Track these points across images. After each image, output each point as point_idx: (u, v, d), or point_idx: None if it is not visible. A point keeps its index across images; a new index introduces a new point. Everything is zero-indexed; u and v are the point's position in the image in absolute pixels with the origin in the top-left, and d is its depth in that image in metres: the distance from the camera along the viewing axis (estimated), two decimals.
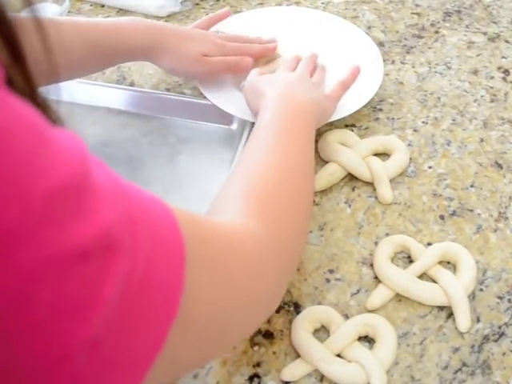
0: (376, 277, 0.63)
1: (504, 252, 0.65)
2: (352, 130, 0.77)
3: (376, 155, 0.73)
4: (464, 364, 0.57)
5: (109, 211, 0.26)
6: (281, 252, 0.45)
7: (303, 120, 0.59)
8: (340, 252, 0.65)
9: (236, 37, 0.81)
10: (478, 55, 0.88)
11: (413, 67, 0.86)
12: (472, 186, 0.72)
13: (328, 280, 0.63)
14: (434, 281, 0.62)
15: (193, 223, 0.35)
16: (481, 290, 0.62)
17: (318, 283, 0.63)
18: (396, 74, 0.85)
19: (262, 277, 0.41)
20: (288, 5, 0.96)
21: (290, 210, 0.49)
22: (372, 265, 0.64)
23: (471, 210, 0.69)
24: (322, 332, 0.59)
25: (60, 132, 0.26)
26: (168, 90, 0.83)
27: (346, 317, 0.60)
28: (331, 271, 0.64)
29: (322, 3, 0.96)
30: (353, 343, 0.57)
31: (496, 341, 0.58)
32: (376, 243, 0.66)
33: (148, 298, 0.28)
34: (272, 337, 0.59)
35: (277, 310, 0.60)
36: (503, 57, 0.88)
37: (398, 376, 0.56)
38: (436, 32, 0.92)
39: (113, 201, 0.27)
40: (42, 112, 0.26)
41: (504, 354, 0.58)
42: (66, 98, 0.75)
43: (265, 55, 0.80)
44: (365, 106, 0.77)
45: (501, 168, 0.73)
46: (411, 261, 0.64)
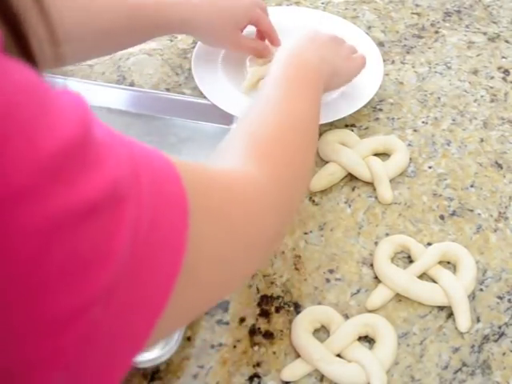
0: (376, 277, 0.63)
1: (504, 252, 0.65)
2: (352, 130, 0.77)
3: (376, 155, 0.73)
4: (464, 364, 0.57)
5: (114, 165, 0.26)
6: (281, 197, 0.46)
7: (309, 74, 0.59)
8: (340, 252, 0.65)
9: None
10: (478, 55, 0.88)
11: (413, 67, 0.86)
12: (472, 186, 0.72)
13: (328, 280, 0.63)
14: (434, 281, 0.62)
15: (195, 175, 0.36)
16: (481, 290, 0.62)
17: (318, 283, 0.63)
18: (396, 74, 0.85)
19: (262, 222, 0.43)
20: (288, 5, 0.96)
21: (292, 156, 0.50)
22: (372, 265, 0.64)
23: (471, 210, 0.69)
24: (322, 332, 0.59)
25: (61, 91, 0.27)
26: (168, 90, 0.83)
27: (346, 317, 0.60)
28: (331, 271, 0.64)
29: (322, 3, 0.96)
30: (353, 343, 0.57)
31: (496, 341, 0.59)
32: (376, 243, 0.66)
33: (155, 248, 0.29)
34: (272, 337, 0.59)
35: (277, 310, 0.60)
36: (503, 57, 0.88)
37: (398, 376, 0.56)
38: (436, 32, 0.92)
39: (117, 155, 0.27)
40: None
41: (504, 354, 0.58)
42: None
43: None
44: (365, 106, 0.77)
45: (501, 168, 0.73)
46: (411, 261, 0.64)
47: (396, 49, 0.89)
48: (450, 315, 0.60)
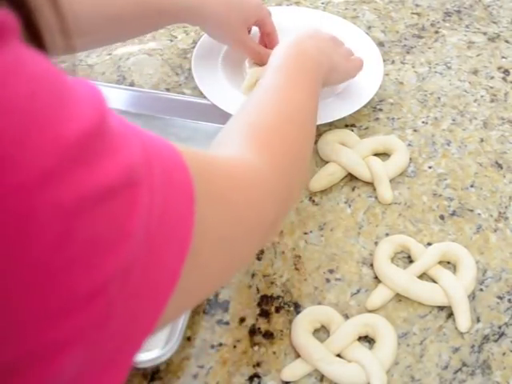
0: (376, 277, 0.63)
1: (504, 252, 0.65)
2: (352, 130, 0.77)
3: (376, 155, 0.73)
4: (464, 364, 0.57)
5: (128, 153, 0.28)
6: (279, 184, 0.47)
7: (307, 64, 0.60)
8: (340, 252, 0.65)
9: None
10: (478, 55, 0.88)
11: (413, 67, 0.86)
12: (472, 186, 0.72)
13: (328, 280, 0.63)
14: (434, 281, 0.62)
15: (199, 163, 0.37)
16: (481, 290, 0.62)
17: (318, 283, 0.63)
18: (396, 74, 0.85)
19: (262, 207, 0.44)
20: (288, 5, 0.96)
21: (290, 145, 0.51)
22: (372, 265, 0.64)
23: (471, 210, 0.69)
24: (322, 332, 0.59)
25: (77, 81, 0.28)
26: (168, 90, 0.83)
27: (346, 317, 0.60)
28: (331, 271, 0.64)
29: (322, 3, 0.96)
30: (353, 343, 0.57)
31: (496, 341, 0.59)
32: (376, 243, 0.66)
33: (165, 234, 0.30)
34: (272, 337, 0.59)
35: (277, 310, 0.60)
36: (503, 57, 0.88)
37: (398, 376, 0.56)
38: (436, 32, 0.92)
39: (130, 144, 0.28)
40: None
41: (504, 354, 0.58)
42: None
43: None
44: (365, 106, 0.77)
45: (501, 168, 0.73)
46: (411, 261, 0.64)
47: (396, 49, 0.89)
48: (450, 315, 0.60)
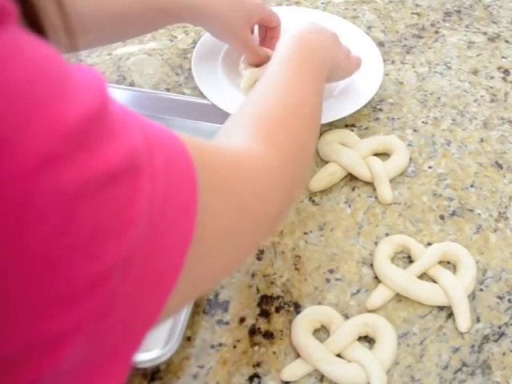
0: (376, 277, 0.63)
1: (504, 252, 0.65)
2: (352, 130, 0.77)
3: (376, 155, 0.73)
4: (464, 364, 0.57)
5: (129, 138, 0.27)
6: (285, 176, 0.47)
7: (316, 60, 0.60)
8: (340, 252, 0.65)
9: None
10: (478, 55, 0.88)
11: (413, 67, 0.86)
12: (472, 186, 0.72)
13: (328, 280, 0.63)
14: (434, 281, 0.62)
15: (203, 152, 0.36)
16: (481, 290, 0.62)
17: (318, 283, 0.63)
18: (396, 74, 0.85)
19: (268, 199, 0.44)
20: (288, 5, 0.96)
21: (297, 137, 0.51)
22: (372, 265, 0.64)
23: (471, 210, 0.69)
24: (322, 332, 0.59)
25: (78, 66, 0.28)
26: (168, 90, 0.83)
27: (346, 317, 0.60)
28: (331, 271, 0.64)
29: (322, 3, 0.96)
30: (353, 343, 0.57)
31: (496, 341, 0.59)
32: (376, 243, 0.66)
33: (167, 223, 0.29)
34: (272, 337, 0.59)
35: (277, 310, 0.60)
36: (503, 57, 0.88)
37: (398, 376, 0.56)
38: (436, 32, 0.92)
39: (131, 130, 0.28)
40: None
41: (504, 354, 0.58)
42: None
43: None
44: (365, 106, 0.77)
45: (501, 168, 0.73)
46: (411, 261, 0.64)
47: (396, 49, 0.89)
48: (450, 315, 0.60)
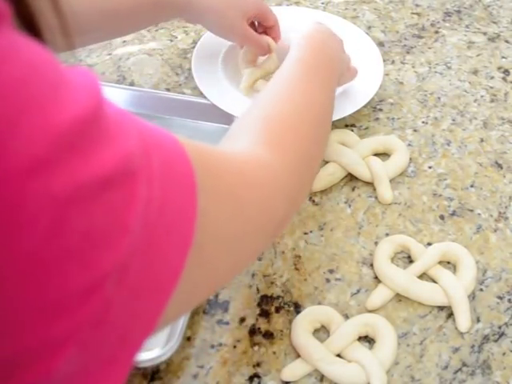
0: (376, 277, 0.63)
1: (504, 252, 0.65)
2: (352, 130, 0.77)
3: (376, 155, 0.73)
4: (464, 364, 0.57)
5: (125, 142, 0.27)
6: (290, 183, 0.46)
7: (328, 64, 0.59)
8: (340, 252, 0.65)
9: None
10: (478, 55, 0.88)
11: (413, 67, 0.86)
12: (472, 186, 0.72)
13: (328, 280, 0.63)
14: (434, 281, 0.62)
15: (204, 156, 0.35)
16: (481, 290, 0.62)
17: (318, 283, 0.63)
18: (396, 74, 0.85)
19: (272, 206, 0.43)
20: (288, 5, 0.96)
21: (306, 144, 0.50)
22: (372, 265, 0.64)
23: (471, 210, 0.69)
24: (322, 332, 0.59)
25: (73, 68, 0.27)
26: (168, 90, 0.83)
27: (346, 317, 0.60)
28: (331, 271, 0.64)
29: (322, 3, 0.96)
30: (353, 343, 0.57)
31: (496, 341, 0.59)
32: (376, 243, 0.66)
33: (165, 228, 0.29)
34: (272, 337, 0.59)
35: (277, 310, 0.60)
36: (503, 57, 0.88)
37: (398, 376, 0.56)
38: (436, 32, 0.92)
39: (127, 133, 0.27)
40: None
41: (504, 354, 0.58)
42: None
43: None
44: (365, 106, 0.77)
45: (501, 168, 0.73)
46: (411, 261, 0.64)
47: (396, 49, 0.89)
48: (450, 315, 0.60)
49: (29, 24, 0.27)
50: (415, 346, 0.58)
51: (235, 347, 0.58)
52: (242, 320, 0.60)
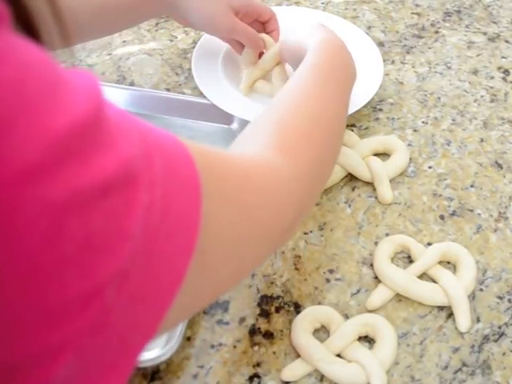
0: (376, 277, 0.63)
1: (504, 252, 0.65)
2: (352, 130, 0.77)
3: (376, 155, 0.73)
4: (464, 364, 0.57)
5: (126, 145, 0.26)
6: (300, 189, 0.45)
7: (343, 70, 0.59)
8: (340, 252, 0.65)
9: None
10: (478, 55, 0.88)
11: (413, 67, 0.86)
12: (472, 186, 0.72)
13: (328, 280, 0.63)
14: (434, 281, 0.62)
15: (209, 159, 0.35)
16: (481, 290, 0.62)
17: (318, 283, 0.63)
18: (396, 74, 0.85)
19: (279, 212, 0.42)
20: (288, 5, 0.96)
21: (318, 150, 0.49)
22: (372, 265, 0.64)
23: (471, 210, 0.69)
24: (322, 332, 0.59)
25: (73, 70, 0.27)
26: (168, 90, 0.83)
27: (346, 317, 0.60)
28: (331, 271, 0.64)
29: (322, 3, 0.96)
30: (353, 343, 0.57)
31: (496, 341, 0.59)
32: (376, 243, 0.66)
33: (167, 232, 0.28)
34: (272, 337, 0.59)
35: (277, 310, 0.60)
36: (503, 57, 0.88)
37: (398, 376, 0.56)
38: (436, 32, 0.92)
39: (129, 136, 0.27)
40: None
41: (504, 354, 0.58)
42: None
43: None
44: (365, 106, 0.77)
45: (501, 168, 0.73)
46: (411, 261, 0.64)
47: (396, 49, 0.89)
48: (450, 315, 0.60)
49: (26, 25, 0.26)
50: (415, 346, 0.58)
51: (235, 347, 0.58)
52: (242, 320, 0.60)
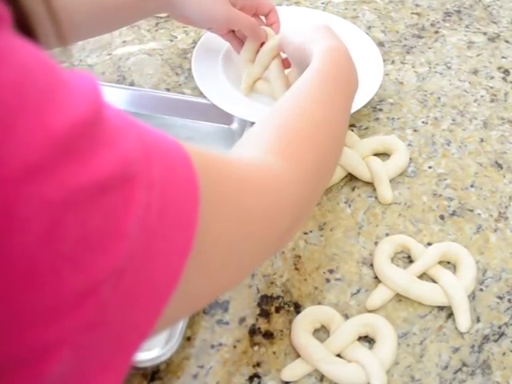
0: (376, 277, 0.63)
1: (504, 252, 0.65)
2: (352, 130, 0.77)
3: (376, 155, 0.73)
4: (464, 364, 0.57)
5: (124, 146, 0.26)
6: (300, 192, 0.46)
7: (348, 76, 0.59)
8: (340, 252, 0.65)
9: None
10: (478, 55, 0.88)
11: (413, 67, 0.86)
12: (472, 186, 0.72)
13: (328, 280, 0.63)
14: (434, 281, 0.62)
15: (208, 161, 0.35)
16: (481, 290, 0.62)
17: (318, 283, 0.63)
18: (396, 74, 0.85)
19: (278, 215, 0.42)
20: (288, 5, 0.96)
21: (320, 155, 0.49)
22: (372, 265, 0.64)
23: (471, 210, 0.69)
24: (322, 332, 0.59)
25: (72, 71, 0.27)
26: (168, 90, 0.83)
27: (346, 317, 0.60)
28: (331, 271, 0.64)
29: (322, 3, 0.96)
30: (353, 343, 0.57)
31: (496, 341, 0.59)
32: (376, 243, 0.66)
33: (164, 232, 0.29)
34: (272, 337, 0.59)
35: (277, 310, 0.60)
36: (503, 57, 0.88)
37: (398, 376, 0.56)
38: (436, 32, 0.92)
39: (127, 137, 0.27)
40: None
41: (504, 354, 0.58)
42: None
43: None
44: (365, 106, 0.77)
45: (501, 168, 0.73)
46: (411, 261, 0.64)
47: (396, 49, 0.89)
48: (450, 315, 0.60)
49: (22, 25, 0.26)
50: (415, 346, 0.58)
51: (235, 347, 0.58)
52: (242, 320, 0.60)
